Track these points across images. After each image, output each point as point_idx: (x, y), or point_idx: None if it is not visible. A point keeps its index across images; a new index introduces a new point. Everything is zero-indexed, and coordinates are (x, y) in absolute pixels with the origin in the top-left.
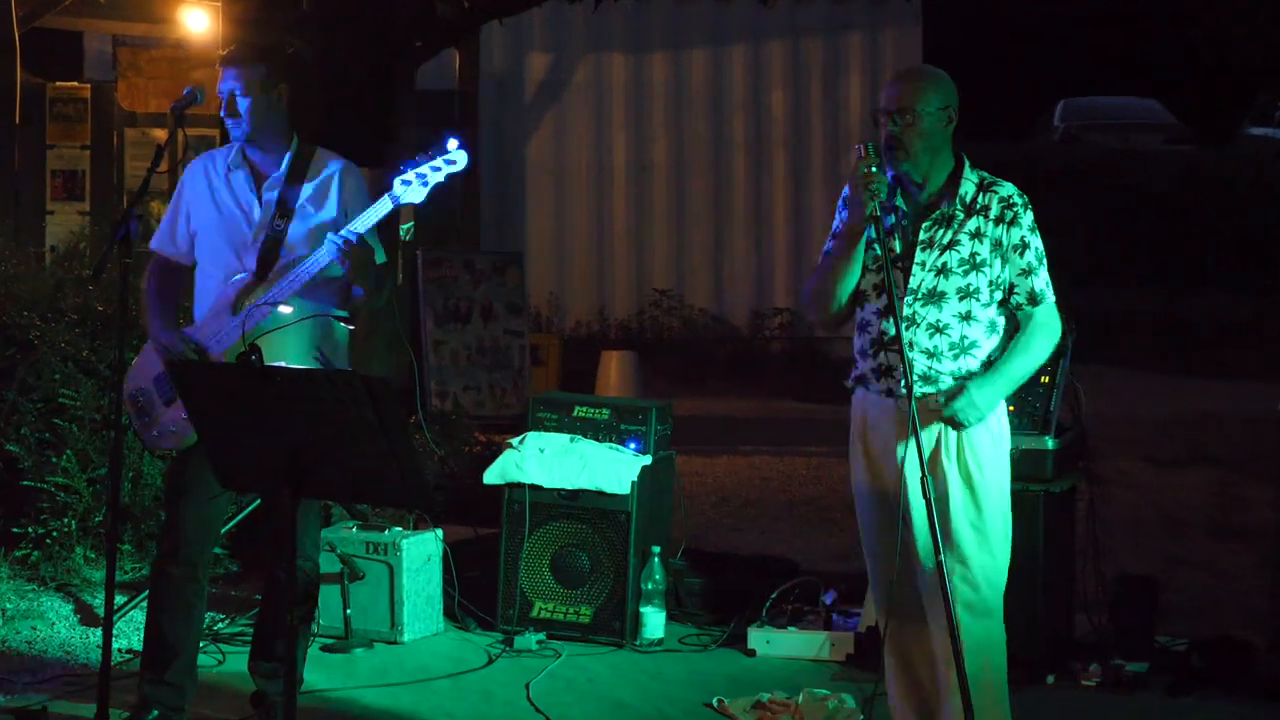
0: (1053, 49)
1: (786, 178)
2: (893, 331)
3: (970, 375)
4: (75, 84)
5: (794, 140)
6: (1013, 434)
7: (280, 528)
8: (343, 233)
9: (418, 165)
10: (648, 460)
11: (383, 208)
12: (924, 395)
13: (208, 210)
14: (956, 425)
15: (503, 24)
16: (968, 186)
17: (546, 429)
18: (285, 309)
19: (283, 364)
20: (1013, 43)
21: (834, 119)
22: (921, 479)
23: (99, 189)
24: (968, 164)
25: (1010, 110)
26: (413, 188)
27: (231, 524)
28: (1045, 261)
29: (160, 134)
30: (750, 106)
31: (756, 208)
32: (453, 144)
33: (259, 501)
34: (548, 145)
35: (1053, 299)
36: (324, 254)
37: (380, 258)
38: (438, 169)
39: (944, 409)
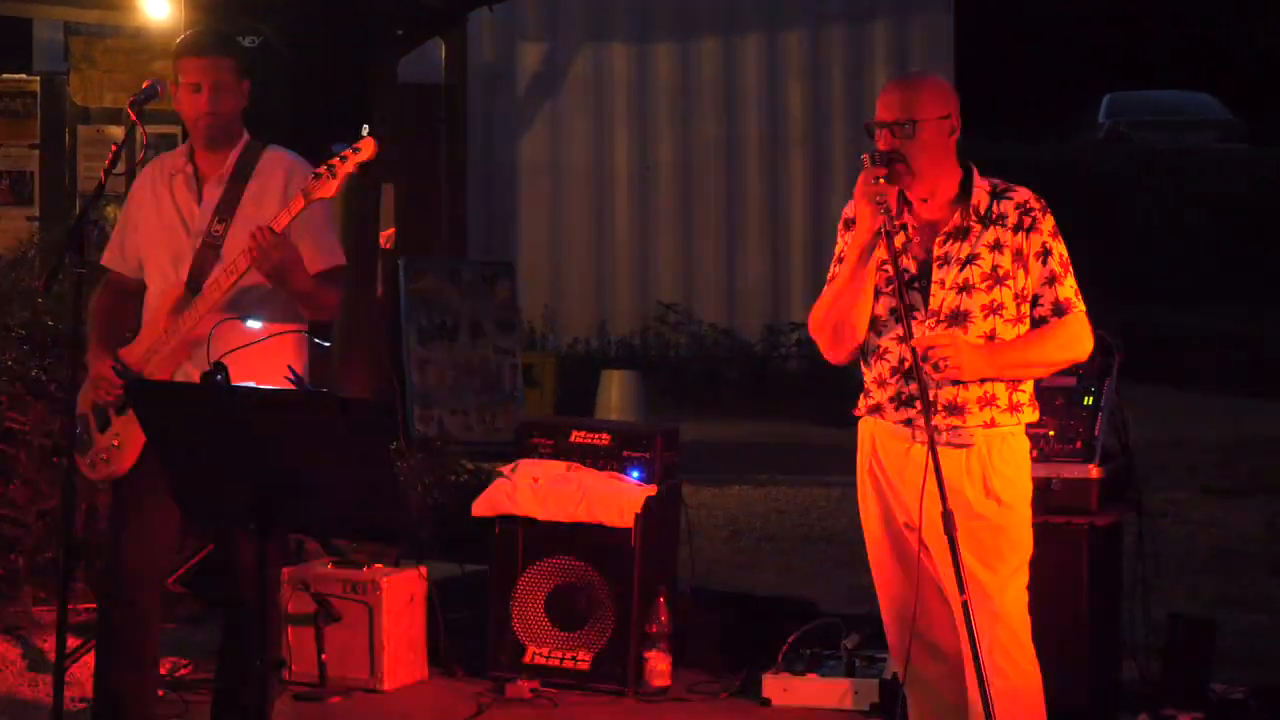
0: (1097, 37)
1: (805, 180)
2: (912, 360)
3: (995, 400)
4: (23, 76)
5: (813, 139)
6: (1054, 461)
7: (237, 564)
8: (259, 226)
9: (329, 159)
10: (652, 491)
11: (295, 204)
12: (954, 427)
13: (150, 219)
14: (931, 372)
15: (493, 10)
16: (980, 195)
17: (541, 456)
18: (253, 324)
19: (251, 384)
20: (1053, 31)
21: (857, 115)
22: (942, 513)
23: (49, 192)
24: (977, 171)
25: (1051, 106)
26: (323, 181)
27: (195, 559)
28: (1071, 268)
29: (117, 132)
30: (765, 102)
31: (772, 213)
32: (364, 131)
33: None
34: (542, 144)
35: (1082, 308)
36: (244, 256)
37: (333, 260)
38: (346, 159)
39: (924, 349)
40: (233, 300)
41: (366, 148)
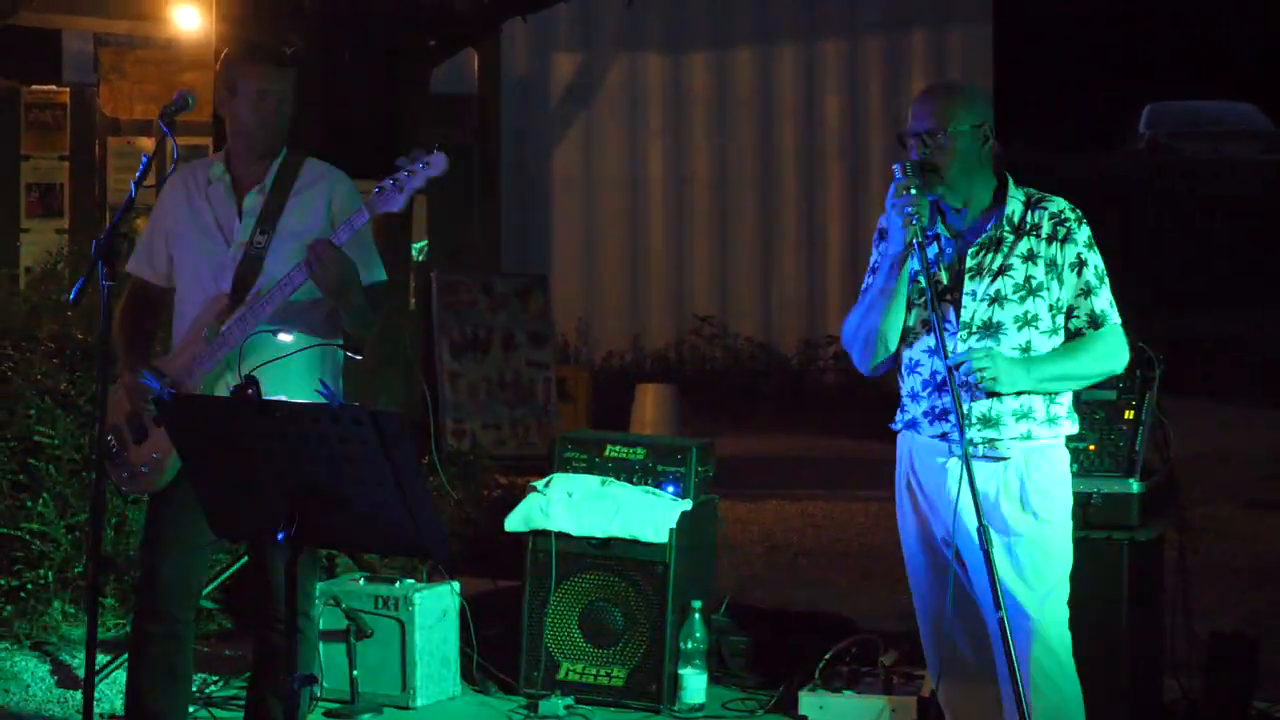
0: (1138, 46)
1: (842, 192)
2: (945, 372)
3: (1031, 412)
4: (53, 88)
5: (851, 150)
6: (1094, 476)
7: (272, 581)
8: (318, 238)
9: (395, 172)
10: (687, 505)
11: (358, 219)
12: (988, 440)
13: (186, 228)
14: (971, 385)
15: (526, 21)
16: (1014, 205)
17: (575, 470)
18: (285, 337)
19: (282, 398)
20: (1094, 40)
21: (894, 128)
22: (980, 528)
23: (79, 204)
24: (1011, 181)
25: (1092, 117)
26: (386, 194)
27: (225, 575)
28: (1107, 281)
29: (147, 143)
30: (802, 113)
31: (809, 225)
32: (435, 146)
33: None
34: (576, 156)
35: (1118, 321)
36: (300, 269)
37: (376, 276)
38: (414, 173)
39: (961, 363)
40: (274, 314)
41: (438, 163)
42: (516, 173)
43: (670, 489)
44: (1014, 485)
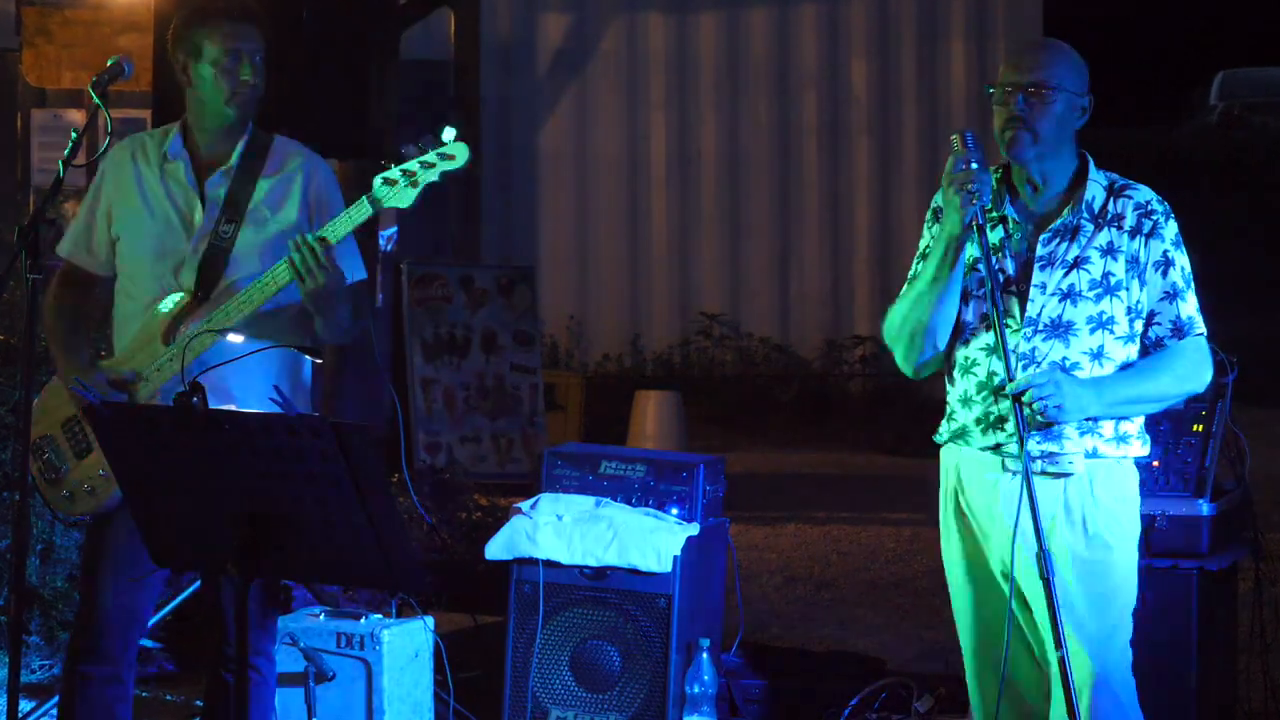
0: (1208, 8)
1: (870, 173)
2: (1004, 373)
3: (1096, 428)
4: None
5: (880, 125)
6: (1158, 497)
7: (225, 616)
8: (306, 236)
9: (405, 160)
10: (694, 530)
11: (359, 213)
12: (1049, 454)
13: (135, 210)
14: (1034, 415)
15: None
16: (1095, 190)
17: (565, 490)
18: (235, 338)
19: (232, 407)
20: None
21: (930, 98)
22: (1039, 554)
23: None
24: (1093, 164)
25: (1155, 86)
26: (398, 189)
27: (166, 610)
28: (1193, 285)
29: (77, 116)
30: (825, 82)
31: (833, 211)
32: (449, 134)
33: (199, 583)
34: (567, 131)
35: (1204, 332)
36: (284, 269)
37: (357, 273)
38: (430, 166)
39: (1020, 387)
40: (246, 316)
41: (460, 154)
42: (499, 150)
43: (674, 511)
44: (1076, 506)
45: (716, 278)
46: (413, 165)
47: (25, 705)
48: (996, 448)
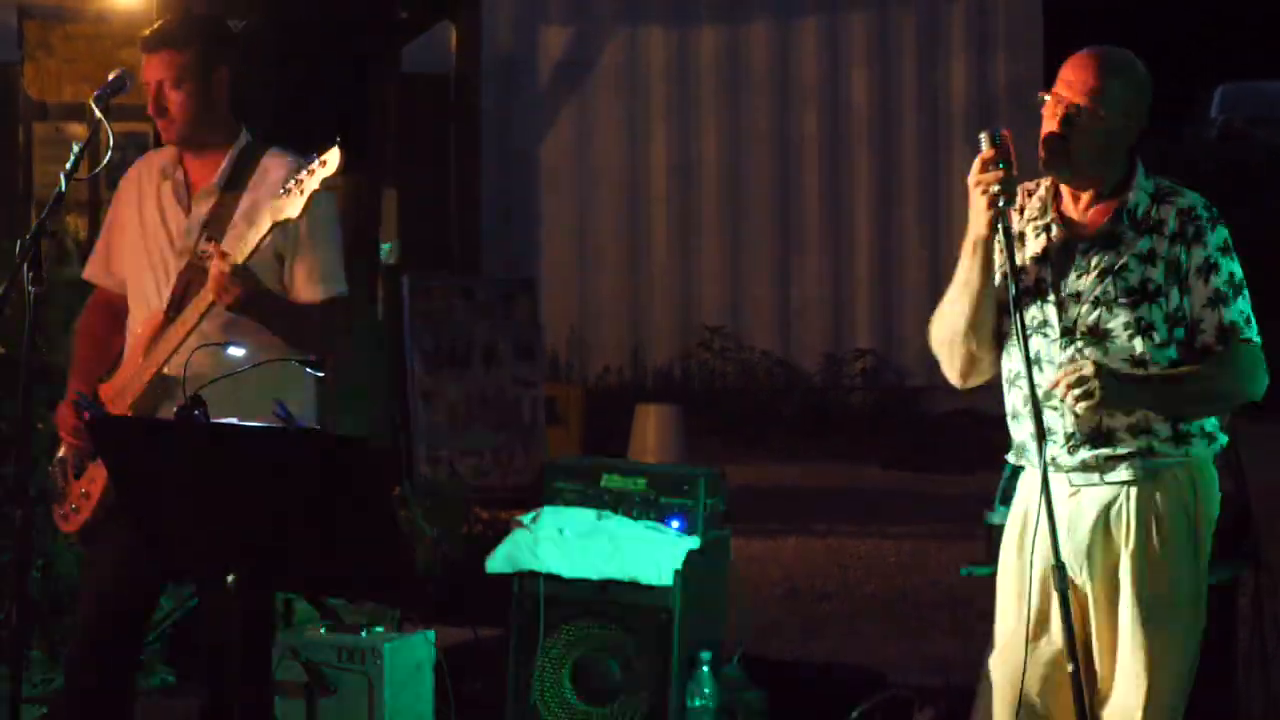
0: (1209, 21)
1: (871, 184)
2: (1046, 384)
3: (1150, 428)
4: None
5: (881, 136)
6: None
7: (223, 629)
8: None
9: (295, 172)
10: (695, 543)
11: (261, 227)
12: (1095, 460)
13: (133, 230)
14: (1077, 399)
15: None
16: (1140, 197)
17: (566, 503)
18: (236, 351)
19: (233, 420)
20: (1157, 11)
21: (931, 109)
22: (1055, 566)
23: (1, 198)
24: (1142, 170)
25: (1156, 100)
26: (291, 198)
27: (168, 620)
28: (1246, 292)
29: (79, 129)
30: (825, 93)
31: (834, 223)
32: (330, 147)
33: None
34: (568, 143)
35: (1257, 339)
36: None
37: (332, 290)
38: (311, 173)
39: (1069, 377)
40: (219, 326)
41: (331, 161)
42: (500, 162)
43: (676, 524)
44: (1130, 515)
45: (717, 290)
46: (300, 174)
47: (28, 717)
48: (1052, 463)
